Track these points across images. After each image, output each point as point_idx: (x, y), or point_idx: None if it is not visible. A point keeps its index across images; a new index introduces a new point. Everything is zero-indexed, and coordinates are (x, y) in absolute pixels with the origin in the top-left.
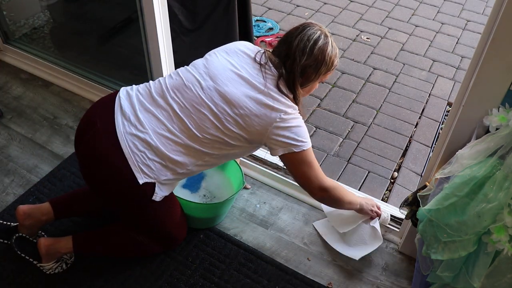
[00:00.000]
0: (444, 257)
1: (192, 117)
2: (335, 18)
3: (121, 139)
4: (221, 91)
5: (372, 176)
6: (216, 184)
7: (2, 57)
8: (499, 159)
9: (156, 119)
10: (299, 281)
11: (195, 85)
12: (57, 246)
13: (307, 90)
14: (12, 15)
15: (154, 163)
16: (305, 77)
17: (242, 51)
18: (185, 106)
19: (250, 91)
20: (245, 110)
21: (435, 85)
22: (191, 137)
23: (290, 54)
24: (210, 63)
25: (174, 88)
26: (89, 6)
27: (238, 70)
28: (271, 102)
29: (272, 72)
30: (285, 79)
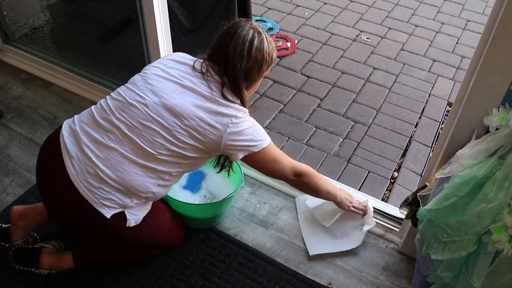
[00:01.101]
0: (444, 257)
1: (143, 134)
2: (335, 18)
3: (74, 182)
4: (168, 105)
5: (372, 176)
6: (216, 184)
7: (2, 57)
8: (499, 159)
9: (105, 147)
10: (299, 281)
11: (139, 103)
12: (60, 264)
13: (252, 90)
14: (12, 15)
15: (114, 194)
16: (249, 79)
17: (179, 62)
18: (133, 125)
19: (197, 100)
20: (196, 120)
21: (435, 85)
22: (146, 156)
23: (229, 61)
24: (149, 78)
25: (118, 109)
26: (89, 6)
27: (180, 81)
28: (220, 109)
29: (215, 79)
30: (229, 86)
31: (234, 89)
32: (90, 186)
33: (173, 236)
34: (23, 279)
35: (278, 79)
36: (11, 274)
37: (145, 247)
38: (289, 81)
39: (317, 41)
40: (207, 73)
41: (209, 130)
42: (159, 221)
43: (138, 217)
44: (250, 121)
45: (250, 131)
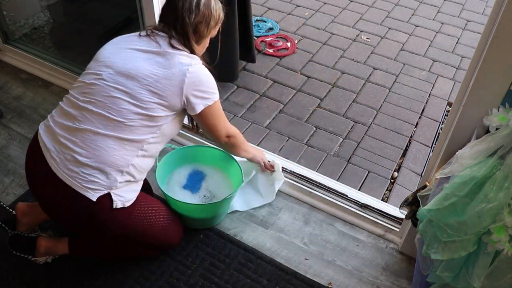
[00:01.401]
0: (444, 257)
1: (108, 106)
2: (335, 18)
3: (57, 172)
4: (122, 72)
5: (372, 176)
6: (216, 184)
7: (2, 57)
8: (499, 159)
9: (78, 131)
10: (299, 281)
11: (97, 79)
12: (56, 248)
13: (202, 46)
14: (12, 15)
15: (96, 175)
16: (198, 34)
17: (125, 36)
18: (98, 100)
19: (148, 59)
20: (152, 77)
21: (435, 85)
22: (117, 127)
23: (179, 16)
24: (99, 57)
25: (81, 93)
26: (89, 6)
27: (129, 47)
28: (172, 58)
29: (161, 35)
30: (178, 38)
31: (184, 41)
32: (71, 172)
33: (169, 235)
34: (23, 279)
35: (278, 79)
36: (12, 273)
37: (136, 244)
38: (289, 81)
39: (317, 41)
40: (152, 33)
41: (167, 84)
42: (152, 219)
43: (126, 200)
44: (205, 71)
45: (206, 81)
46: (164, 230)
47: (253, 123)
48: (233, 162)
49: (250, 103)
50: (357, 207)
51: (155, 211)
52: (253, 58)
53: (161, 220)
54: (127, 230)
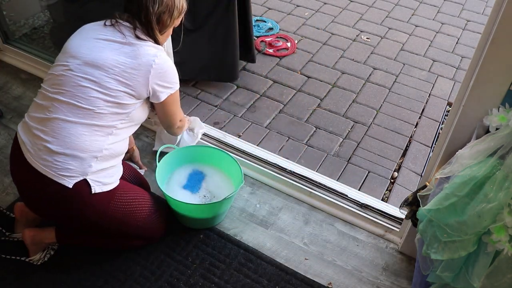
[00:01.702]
0: (444, 257)
1: (77, 95)
2: (335, 18)
3: (32, 164)
4: (89, 62)
5: (372, 176)
6: (216, 184)
7: (2, 57)
8: (499, 159)
9: (48, 121)
10: (299, 281)
11: (65, 71)
12: (41, 236)
13: (166, 35)
14: (12, 15)
15: (69, 162)
16: (161, 24)
17: (90, 25)
18: (66, 90)
19: (114, 49)
20: (119, 67)
21: (435, 85)
22: (86, 114)
23: (142, 6)
24: (67, 49)
25: (50, 85)
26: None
27: (94, 37)
28: (137, 49)
29: (126, 25)
30: (142, 29)
31: (148, 31)
32: (45, 162)
33: (151, 228)
34: (23, 280)
35: (278, 79)
36: (12, 274)
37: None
38: (289, 81)
39: (317, 41)
40: (116, 23)
41: (134, 73)
42: (134, 207)
43: (104, 185)
44: (169, 62)
45: (170, 72)
46: (148, 220)
47: (253, 123)
48: (233, 162)
49: (250, 103)
50: (357, 207)
51: (138, 200)
52: (253, 58)
53: (144, 210)
54: (108, 217)
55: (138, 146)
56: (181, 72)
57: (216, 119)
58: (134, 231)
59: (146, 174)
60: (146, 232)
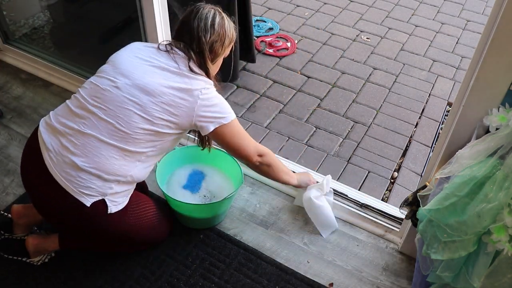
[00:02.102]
0: (444, 257)
1: (119, 116)
2: (335, 18)
3: (53, 174)
4: (139, 85)
5: (372, 176)
6: (216, 184)
7: (2, 57)
8: (499, 159)
9: (81, 135)
10: (299, 281)
11: (112, 87)
12: (45, 245)
13: (216, 65)
14: (12, 15)
15: (93, 181)
16: (213, 53)
17: (143, 45)
18: (108, 108)
19: (166, 77)
20: (168, 95)
21: (435, 85)
22: (122, 138)
23: (194, 36)
24: (117, 64)
25: (92, 96)
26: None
27: (148, 60)
28: (189, 82)
29: (180, 55)
30: (195, 59)
31: (200, 61)
32: (68, 176)
33: (157, 232)
34: (23, 280)
35: (278, 79)
36: (10, 278)
37: (127, 240)
38: (289, 81)
39: (317, 41)
40: (172, 50)
41: (181, 103)
42: (142, 215)
43: (119, 204)
44: (218, 96)
45: (218, 103)
46: (153, 225)
47: (253, 123)
48: (233, 162)
49: (250, 103)
50: (357, 207)
51: (146, 211)
52: (253, 58)
53: (149, 216)
54: (119, 231)
55: None
56: None
57: None
58: (141, 238)
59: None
60: (151, 238)
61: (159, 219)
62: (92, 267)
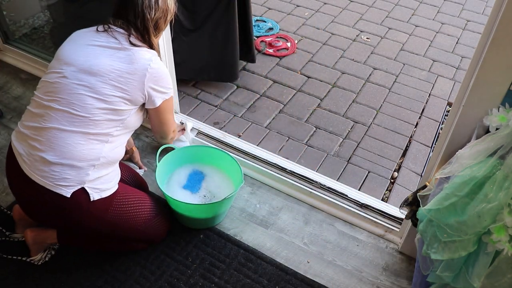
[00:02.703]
0: (444, 257)
1: (73, 102)
2: (335, 18)
3: (29, 175)
4: (84, 69)
5: (372, 176)
6: (216, 184)
7: (2, 57)
8: (499, 159)
9: (43, 130)
10: (299, 281)
11: (59, 78)
12: (43, 236)
13: (157, 39)
14: (12, 15)
15: (67, 172)
16: (158, 28)
17: (83, 31)
18: (62, 98)
19: (109, 55)
20: (115, 72)
21: (435, 85)
22: (82, 122)
23: (139, 12)
24: (60, 56)
25: (45, 92)
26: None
27: (89, 44)
28: (133, 54)
29: (119, 31)
30: (137, 35)
31: (144, 37)
32: (42, 172)
33: (152, 231)
34: (23, 281)
35: (278, 79)
36: (12, 275)
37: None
38: (289, 81)
39: (317, 41)
40: (109, 29)
41: (130, 77)
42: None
43: (102, 191)
44: (163, 68)
45: (165, 76)
46: (148, 223)
47: (253, 123)
48: (233, 162)
49: (250, 103)
50: (357, 207)
51: (138, 204)
52: (253, 58)
53: (145, 214)
54: (107, 223)
55: (138, 146)
56: (181, 72)
57: (216, 119)
58: (134, 235)
59: (146, 174)
60: (147, 236)
61: (156, 216)
62: (92, 267)
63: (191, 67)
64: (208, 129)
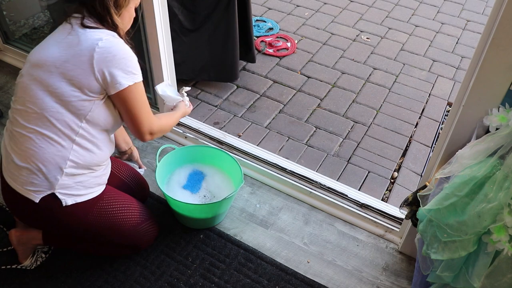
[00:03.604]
0: (444, 257)
1: (27, 100)
2: (335, 18)
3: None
4: (33, 63)
5: (372, 176)
6: (216, 184)
7: (2, 57)
8: (499, 159)
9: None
10: (299, 281)
11: (19, 78)
12: (28, 236)
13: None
14: (12, 15)
15: (35, 176)
16: (118, 5)
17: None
18: (18, 97)
19: (58, 42)
20: (60, 59)
21: (435, 85)
22: (39, 122)
23: None
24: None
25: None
26: None
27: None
28: (81, 36)
29: (75, 16)
30: (93, 17)
31: (102, 17)
32: (13, 176)
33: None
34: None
35: (278, 79)
36: (8, 280)
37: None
38: (289, 81)
39: (317, 41)
40: (66, 18)
41: (76, 61)
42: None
43: (78, 196)
44: (119, 44)
45: (121, 55)
46: (134, 230)
47: (253, 123)
48: (233, 162)
49: (250, 103)
50: (357, 207)
51: (124, 210)
52: (253, 58)
53: (131, 220)
54: (87, 226)
55: (137, 146)
56: (181, 72)
57: (216, 119)
58: (119, 240)
59: (146, 174)
60: (133, 241)
61: (143, 222)
62: (92, 267)
63: (191, 67)
64: (208, 129)
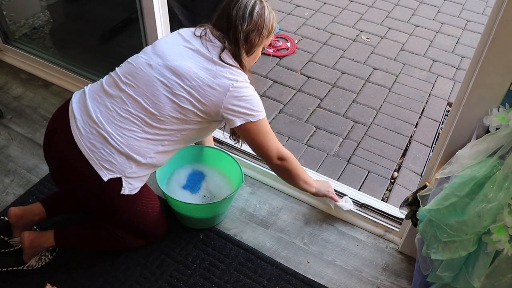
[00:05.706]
0: (444, 257)
1: (147, 95)
2: (335, 18)
3: (78, 143)
4: (170, 66)
5: (372, 176)
6: (216, 184)
7: (2, 57)
8: (499, 159)
9: (109, 110)
10: (299, 281)
11: (144, 66)
12: (40, 240)
13: (252, 58)
14: (12, 15)
15: (115, 156)
16: (249, 43)
17: (184, 31)
18: (138, 86)
19: (198, 62)
20: (197, 81)
21: (435, 85)
22: (148, 117)
23: (232, 24)
24: (156, 44)
25: (125, 74)
26: (89, 6)
27: (183, 44)
28: (220, 71)
29: (214, 43)
30: (230, 49)
31: (235, 52)
32: (93, 147)
33: (157, 226)
34: (21, 284)
35: (278, 79)
36: (9, 278)
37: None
38: (289, 81)
39: (317, 41)
40: (204, 36)
41: (209, 91)
42: (149, 208)
43: (133, 187)
44: (250, 89)
45: (250, 99)
46: (156, 220)
47: None
48: (233, 162)
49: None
50: (357, 207)
51: (152, 202)
52: None
53: (155, 211)
54: (126, 214)
55: None
56: None
57: None
58: (143, 229)
59: None
60: (153, 231)
61: (162, 214)
62: (92, 267)
63: None
64: None
